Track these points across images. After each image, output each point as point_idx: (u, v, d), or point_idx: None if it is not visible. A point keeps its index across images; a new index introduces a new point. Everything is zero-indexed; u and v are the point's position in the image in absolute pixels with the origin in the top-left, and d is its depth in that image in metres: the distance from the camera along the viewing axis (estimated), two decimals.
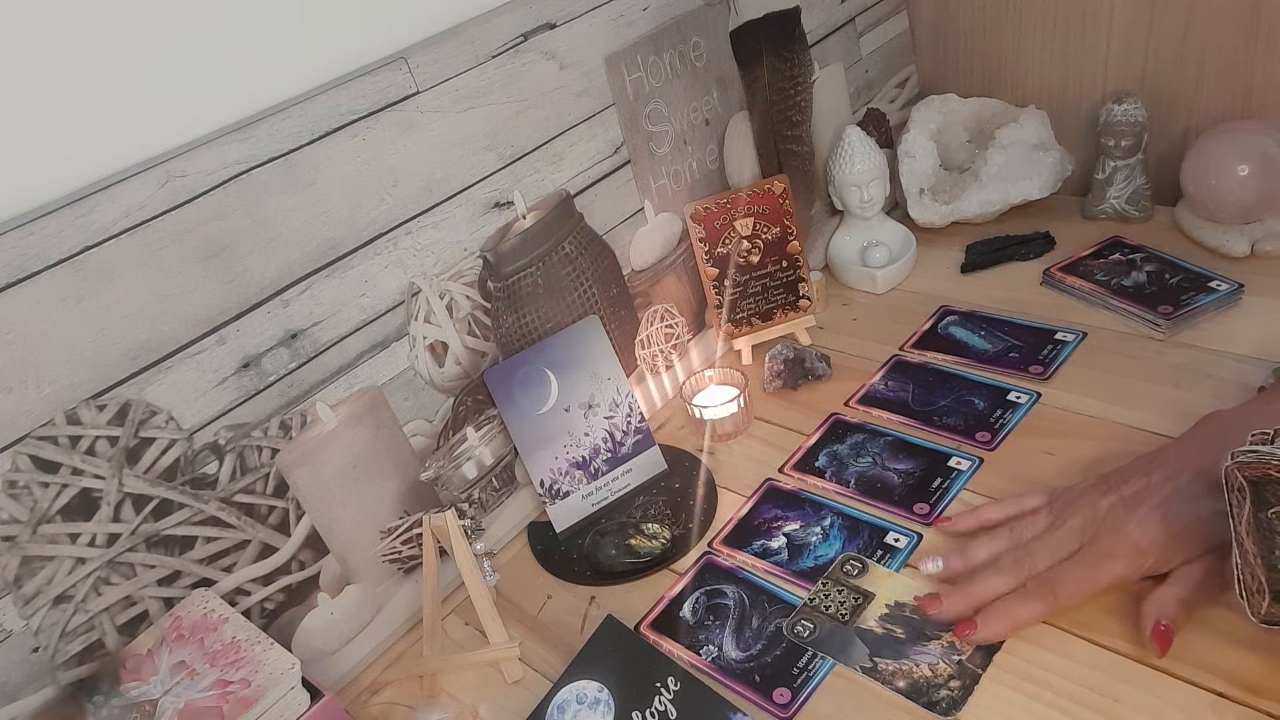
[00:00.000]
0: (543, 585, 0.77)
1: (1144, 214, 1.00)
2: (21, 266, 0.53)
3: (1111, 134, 0.99)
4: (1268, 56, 0.92)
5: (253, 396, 0.64)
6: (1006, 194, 1.01)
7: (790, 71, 0.93)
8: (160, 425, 0.60)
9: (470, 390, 0.78)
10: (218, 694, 0.55)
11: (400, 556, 0.75)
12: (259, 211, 0.62)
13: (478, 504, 0.80)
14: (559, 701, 0.62)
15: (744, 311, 0.95)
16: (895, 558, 0.70)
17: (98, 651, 0.60)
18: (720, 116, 0.94)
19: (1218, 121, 0.95)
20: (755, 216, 0.92)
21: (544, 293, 0.81)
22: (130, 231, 0.57)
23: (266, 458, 0.66)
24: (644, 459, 0.84)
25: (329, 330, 0.68)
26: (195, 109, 0.61)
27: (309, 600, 0.70)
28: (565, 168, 0.81)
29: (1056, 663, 0.59)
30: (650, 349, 0.91)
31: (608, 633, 0.65)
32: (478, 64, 0.72)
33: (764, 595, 0.70)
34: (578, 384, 0.82)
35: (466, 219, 0.75)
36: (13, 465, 0.55)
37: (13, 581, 0.56)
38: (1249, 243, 0.90)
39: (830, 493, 0.77)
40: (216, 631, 0.59)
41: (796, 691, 0.62)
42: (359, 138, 0.66)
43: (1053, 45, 1.06)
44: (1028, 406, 0.80)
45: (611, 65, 0.82)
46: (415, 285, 0.72)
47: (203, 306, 0.61)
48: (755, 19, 0.92)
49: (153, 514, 0.60)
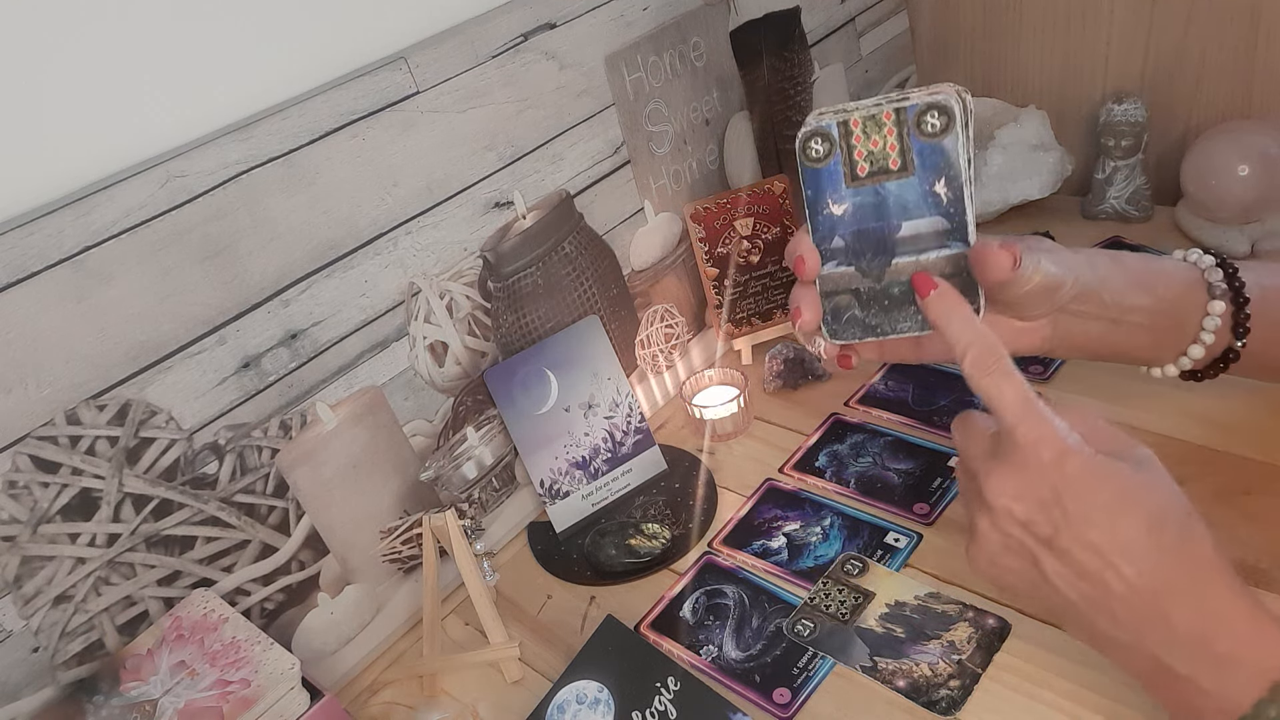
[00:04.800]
0: (543, 585, 0.77)
1: (1144, 214, 1.00)
2: (21, 266, 0.53)
3: (1111, 134, 0.99)
4: (1268, 56, 0.92)
5: (253, 396, 0.64)
6: (1006, 194, 1.01)
7: (790, 71, 0.93)
8: (160, 425, 0.60)
9: (470, 390, 0.78)
10: (218, 694, 0.55)
11: (400, 556, 0.75)
12: (259, 211, 0.62)
13: (478, 504, 0.80)
14: (559, 701, 0.62)
15: (744, 311, 0.95)
16: (895, 557, 0.70)
17: (98, 651, 0.60)
18: (720, 116, 0.94)
19: (1218, 121, 0.95)
20: (755, 216, 0.92)
21: (544, 293, 0.81)
22: (130, 231, 0.57)
23: (266, 458, 0.66)
24: (644, 459, 0.84)
25: (329, 330, 0.68)
26: (195, 109, 0.61)
27: (309, 600, 0.70)
28: (565, 168, 0.81)
29: (1056, 663, 0.59)
30: (650, 349, 0.91)
31: (608, 633, 0.65)
32: (478, 64, 0.72)
33: (764, 595, 0.70)
34: (578, 384, 0.82)
35: (466, 219, 0.75)
36: (13, 465, 0.55)
37: (13, 581, 0.56)
38: (1249, 243, 0.90)
39: (830, 493, 0.77)
40: (216, 631, 0.59)
41: (796, 691, 0.62)
42: (359, 138, 0.66)
43: (1053, 45, 1.06)
44: None
45: (611, 65, 0.82)
46: (415, 285, 0.72)
47: (203, 306, 0.61)
48: (755, 19, 0.92)
49: (153, 514, 0.60)
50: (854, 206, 0.51)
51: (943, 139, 0.48)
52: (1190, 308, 0.58)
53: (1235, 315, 0.58)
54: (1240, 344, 0.58)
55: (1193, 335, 0.59)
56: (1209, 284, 0.58)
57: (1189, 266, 0.59)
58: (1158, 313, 0.58)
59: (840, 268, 0.53)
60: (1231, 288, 0.58)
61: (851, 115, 0.49)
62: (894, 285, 0.52)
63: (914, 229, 0.51)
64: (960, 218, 0.50)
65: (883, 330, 0.53)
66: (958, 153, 0.49)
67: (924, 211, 0.50)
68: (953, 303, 0.51)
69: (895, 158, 0.49)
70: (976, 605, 0.64)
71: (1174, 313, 0.58)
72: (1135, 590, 0.46)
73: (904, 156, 0.49)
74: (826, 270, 0.53)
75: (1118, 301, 0.57)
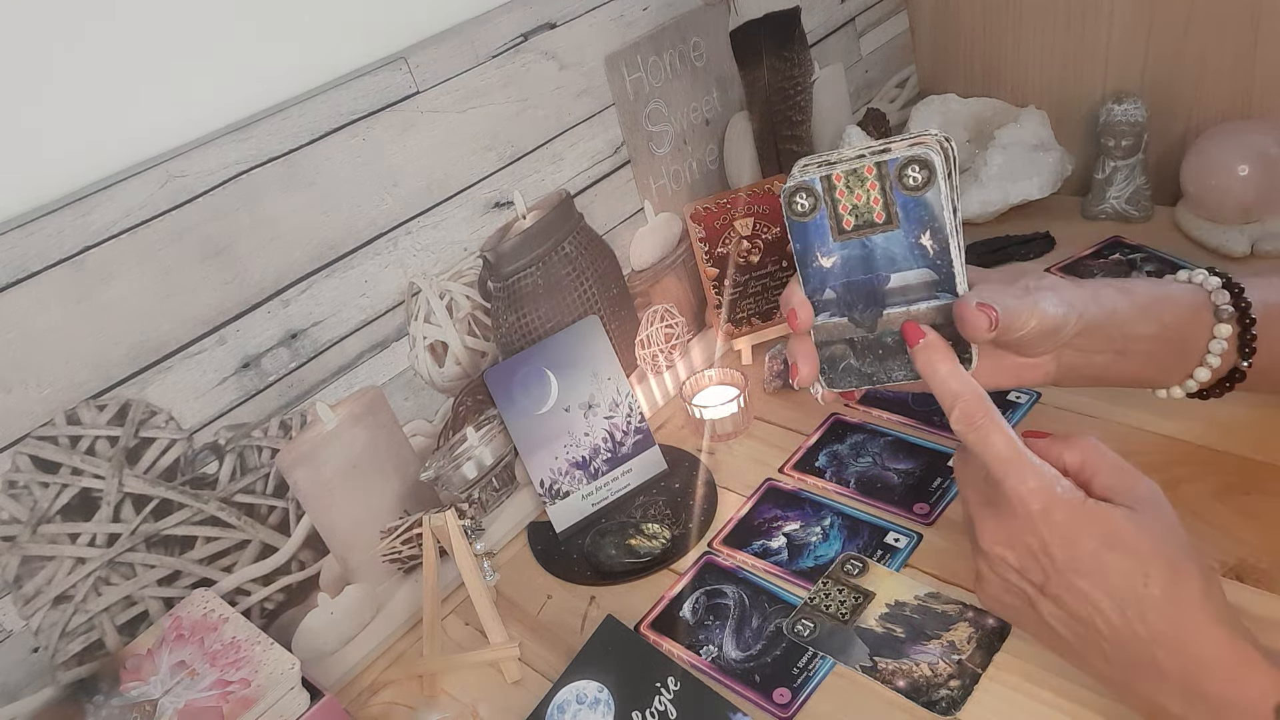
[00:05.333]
0: (543, 585, 0.77)
1: (1144, 214, 1.00)
2: (21, 266, 0.53)
3: (1111, 134, 0.99)
4: (1268, 56, 0.92)
5: (253, 396, 0.64)
6: (1006, 194, 1.01)
7: (790, 71, 0.93)
8: (160, 425, 0.60)
9: (470, 390, 0.78)
10: (218, 694, 0.55)
11: (400, 556, 0.75)
12: (259, 211, 0.62)
13: (478, 504, 0.80)
14: (559, 701, 0.62)
15: (744, 311, 0.95)
16: (895, 557, 0.70)
17: (98, 651, 0.60)
18: (720, 116, 0.94)
19: (1218, 121, 0.95)
20: (755, 216, 0.92)
21: (544, 293, 0.81)
22: (130, 231, 0.57)
23: (266, 458, 0.66)
24: (644, 459, 0.84)
25: (329, 330, 0.68)
26: (195, 109, 0.61)
27: (309, 600, 0.70)
28: (565, 168, 0.81)
29: (1056, 663, 0.59)
30: (650, 349, 0.91)
31: (608, 633, 0.65)
32: (478, 64, 0.72)
33: (764, 595, 0.70)
34: (578, 384, 0.82)
35: (466, 219, 0.75)
36: (13, 465, 0.55)
37: (13, 581, 0.56)
38: (1249, 243, 0.90)
39: (830, 493, 0.77)
40: (216, 631, 0.59)
41: (796, 691, 0.62)
42: (359, 138, 0.66)
43: (1053, 45, 1.06)
44: (1028, 406, 0.80)
45: (611, 65, 0.82)
46: (415, 285, 0.72)
47: (203, 306, 0.61)
48: (755, 19, 0.92)
49: (153, 514, 0.60)
50: (842, 259, 0.52)
51: (925, 192, 0.48)
52: (1196, 331, 0.58)
53: (1241, 336, 0.58)
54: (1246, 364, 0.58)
55: (1198, 359, 0.58)
56: (1215, 306, 0.58)
57: (1195, 289, 0.59)
58: (1164, 340, 0.58)
59: (834, 318, 0.53)
60: (1238, 308, 0.57)
61: (835, 169, 0.50)
62: (887, 335, 0.52)
63: (903, 280, 0.51)
64: (947, 269, 0.50)
65: (878, 379, 0.54)
66: (941, 205, 0.49)
67: (911, 263, 0.51)
68: (939, 354, 0.51)
69: (880, 211, 0.50)
70: (976, 605, 0.64)
71: (1180, 339, 0.58)
72: (1123, 636, 0.48)
73: (888, 210, 0.49)
74: (820, 321, 0.54)
75: (1124, 333, 0.56)
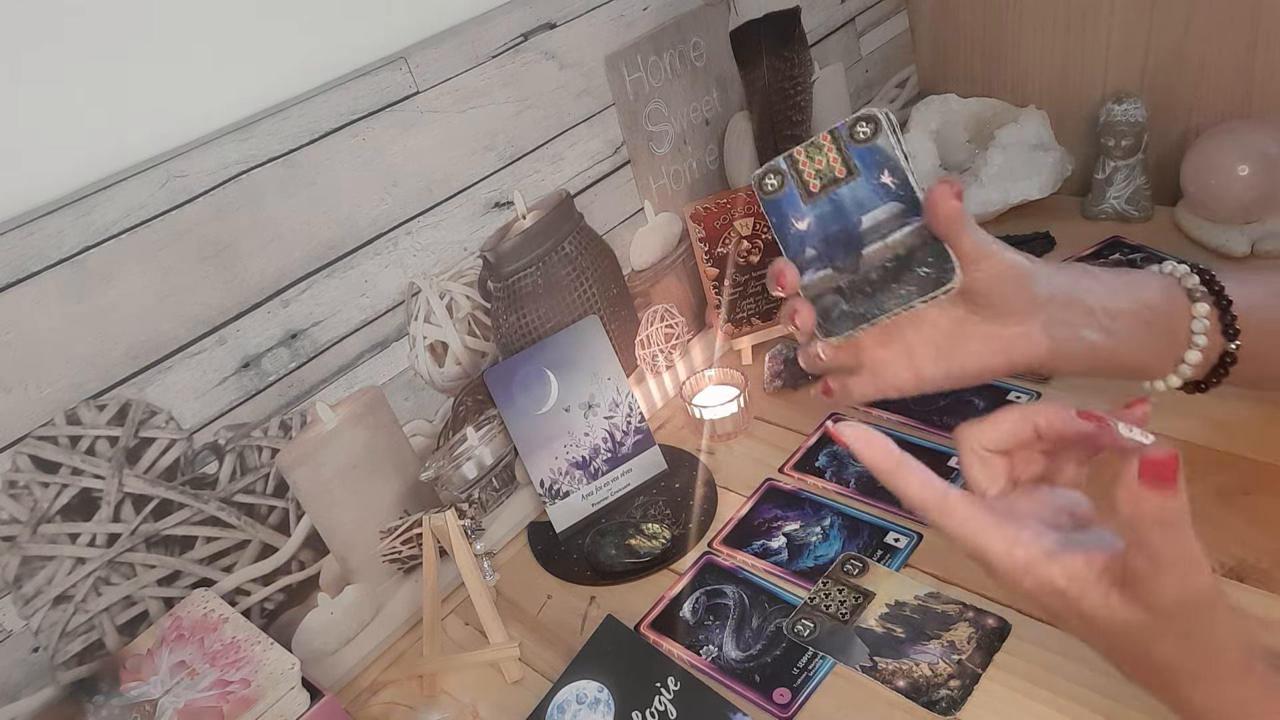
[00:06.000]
0: (543, 585, 0.77)
1: (1144, 214, 1.00)
2: (21, 266, 0.53)
3: (1111, 134, 0.99)
4: (1268, 56, 0.92)
5: (253, 396, 0.64)
6: (1006, 194, 1.01)
7: (790, 71, 0.93)
8: (160, 425, 0.60)
9: (470, 390, 0.78)
10: (218, 694, 0.55)
11: (400, 556, 0.75)
12: (259, 211, 0.62)
13: (478, 504, 0.80)
14: (559, 701, 0.62)
15: (744, 311, 0.95)
16: (895, 557, 0.70)
17: (98, 651, 0.60)
18: (720, 116, 0.94)
19: (1218, 121, 0.95)
20: (755, 216, 0.92)
21: (544, 293, 0.81)
22: (130, 231, 0.57)
23: (266, 458, 0.66)
24: (644, 459, 0.84)
25: (329, 330, 0.68)
26: (195, 109, 0.61)
27: (309, 600, 0.70)
28: (565, 168, 0.81)
29: (1056, 663, 0.59)
30: (650, 349, 0.91)
31: (608, 633, 0.65)
32: (478, 64, 0.72)
33: (764, 595, 0.70)
34: (578, 384, 0.82)
35: (466, 219, 0.75)
36: (13, 465, 0.55)
37: (13, 581, 0.56)
38: (1249, 243, 0.90)
39: (830, 493, 0.77)
40: (216, 631, 0.59)
41: (796, 691, 0.62)
42: (359, 138, 0.66)
43: (1053, 45, 1.06)
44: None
45: (611, 65, 0.82)
46: (415, 285, 0.72)
47: (203, 306, 0.61)
48: (755, 19, 0.92)
49: (153, 514, 0.60)
50: (816, 218, 0.56)
51: (875, 140, 0.54)
52: (1177, 314, 0.59)
53: (1222, 318, 0.58)
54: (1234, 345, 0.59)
55: (1186, 341, 0.59)
56: (1187, 290, 0.58)
57: (1164, 276, 0.60)
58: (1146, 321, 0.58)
59: (819, 273, 0.56)
60: (1211, 291, 0.58)
61: (795, 148, 0.56)
62: (871, 271, 0.55)
63: (873, 219, 0.55)
64: (910, 195, 0.54)
65: (871, 314, 0.56)
66: (892, 147, 0.54)
67: (878, 201, 0.55)
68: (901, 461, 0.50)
69: (840, 167, 0.55)
70: (976, 605, 0.64)
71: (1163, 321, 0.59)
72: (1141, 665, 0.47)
73: (847, 164, 0.55)
74: (807, 279, 0.57)
75: (1103, 306, 0.57)
